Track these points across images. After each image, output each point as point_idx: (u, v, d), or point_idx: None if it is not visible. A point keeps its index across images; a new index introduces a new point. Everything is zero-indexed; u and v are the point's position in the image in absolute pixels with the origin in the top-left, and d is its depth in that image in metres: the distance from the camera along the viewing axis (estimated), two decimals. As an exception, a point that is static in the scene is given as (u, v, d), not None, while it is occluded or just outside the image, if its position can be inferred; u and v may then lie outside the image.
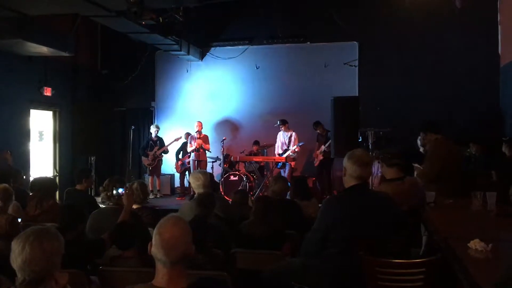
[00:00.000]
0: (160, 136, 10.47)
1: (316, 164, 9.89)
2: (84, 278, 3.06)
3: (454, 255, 2.66)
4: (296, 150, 9.74)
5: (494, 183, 5.96)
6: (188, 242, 2.13)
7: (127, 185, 4.19)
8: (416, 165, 5.20)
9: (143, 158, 10.42)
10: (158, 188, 10.51)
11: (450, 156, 5.07)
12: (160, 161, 10.39)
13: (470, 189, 4.17)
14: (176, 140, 10.34)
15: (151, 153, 10.21)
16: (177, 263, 2.08)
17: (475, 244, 2.62)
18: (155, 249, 2.09)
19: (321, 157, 9.66)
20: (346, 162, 3.23)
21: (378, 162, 5.84)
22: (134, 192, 4.28)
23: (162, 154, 10.36)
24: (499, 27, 9.37)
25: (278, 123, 9.92)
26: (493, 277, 2.03)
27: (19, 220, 4.41)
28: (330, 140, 9.28)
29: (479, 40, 9.65)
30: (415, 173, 5.34)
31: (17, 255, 2.02)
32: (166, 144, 10.39)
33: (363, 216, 3.12)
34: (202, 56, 11.48)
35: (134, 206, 4.24)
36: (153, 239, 2.11)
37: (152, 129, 10.47)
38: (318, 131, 9.83)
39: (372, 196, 3.35)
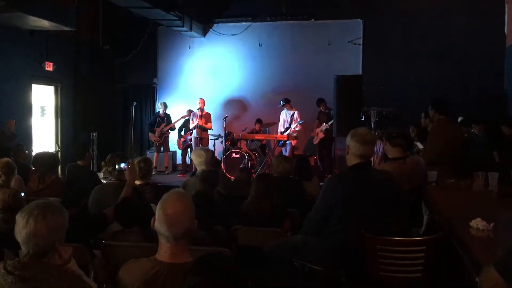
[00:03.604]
0: (168, 113, 10.48)
1: (316, 142, 9.86)
2: (87, 252, 3.08)
3: (455, 234, 2.68)
4: (296, 128, 9.72)
5: (496, 164, 5.96)
6: (191, 217, 2.14)
7: (129, 160, 4.18)
8: (418, 143, 5.20)
9: (150, 134, 10.45)
10: (166, 165, 10.55)
11: (452, 137, 5.06)
12: (167, 138, 10.43)
13: (472, 170, 4.18)
14: (183, 117, 10.36)
15: (158, 130, 10.23)
16: (180, 238, 2.10)
17: (477, 223, 2.64)
18: (158, 224, 2.10)
19: (322, 135, 9.62)
20: (349, 141, 3.22)
21: (381, 142, 5.82)
22: (137, 168, 4.28)
23: (169, 131, 10.38)
24: (506, 6, 9.22)
25: (282, 102, 9.86)
26: (495, 255, 2.04)
27: (22, 194, 4.43)
28: (333, 120, 9.26)
29: (485, 20, 9.51)
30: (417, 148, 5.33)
31: (21, 228, 2.03)
32: (173, 121, 10.39)
33: (365, 194, 3.12)
34: (204, 32, 11.37)
35: (137, 182, 4.25)
36: (156, 214, 2.12)
37: (160, 106, 10.48)
38: (321, 108, 9.76)
39: (374, 175, 3.35)
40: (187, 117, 10.37)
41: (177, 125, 10.55)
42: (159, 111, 10.48)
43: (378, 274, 2.94)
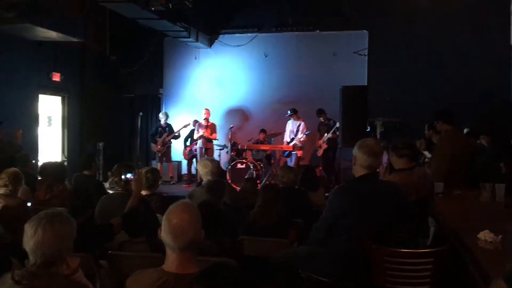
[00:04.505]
0: (169, 123, 10.51)
1: (320, 154, 9.83)
2: (93, 262, 3.08)
3: (463, 246, 2.65)
4: (302, 139, 9.72)
5: (503, 175, 5.93)
6: (197, 228, 2.14)
7: (136, 170, 4.18)
8: (426, 152, 5.17)
9: (152, 144, 10.48)
10: (171, 175, 10.56)
11: (460, 147, 5.04)
12: (169, 148, 10.45)
13: (479, 181, 4.15)
14: (185, 126, 10.38)
15: (160, 140, 10.26)
16: (186, 249, 2.09)
17: (485, 235, 2.61)
18: (164, 235, 2.10)
19: (325, 146, 9.61)
20: (356, 152, 3.21)
21: (387, 153, 5.81)
22: (143, 178, 4.28)
23: (171, 140, 10.40)
24: (511, 16, 9.24)
25: (289, 112, 9.88)
26: (503, 268, 2.03)
27: (29, 204, 4.44)
28: (334, 128, 9.26)
29: (490, 30, 9.53)
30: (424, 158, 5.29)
31: (30, 237, 2.04)
32: (175, 130, 10.42)
33: (372, 205, 3.12)
34: (210, 43, 11.44)
35: (143, 192, 4.25)
36: (163, 225, 2.12)
37: (161, 116, 10.51)
38: (321, 119, 9.76)
39: (381, 186, 3.34)
40: (190, 126, 10.39)
41: (182, 135, 10.58)
42: (160, 121, 10.52)
43: (385, 285, 2.91)
